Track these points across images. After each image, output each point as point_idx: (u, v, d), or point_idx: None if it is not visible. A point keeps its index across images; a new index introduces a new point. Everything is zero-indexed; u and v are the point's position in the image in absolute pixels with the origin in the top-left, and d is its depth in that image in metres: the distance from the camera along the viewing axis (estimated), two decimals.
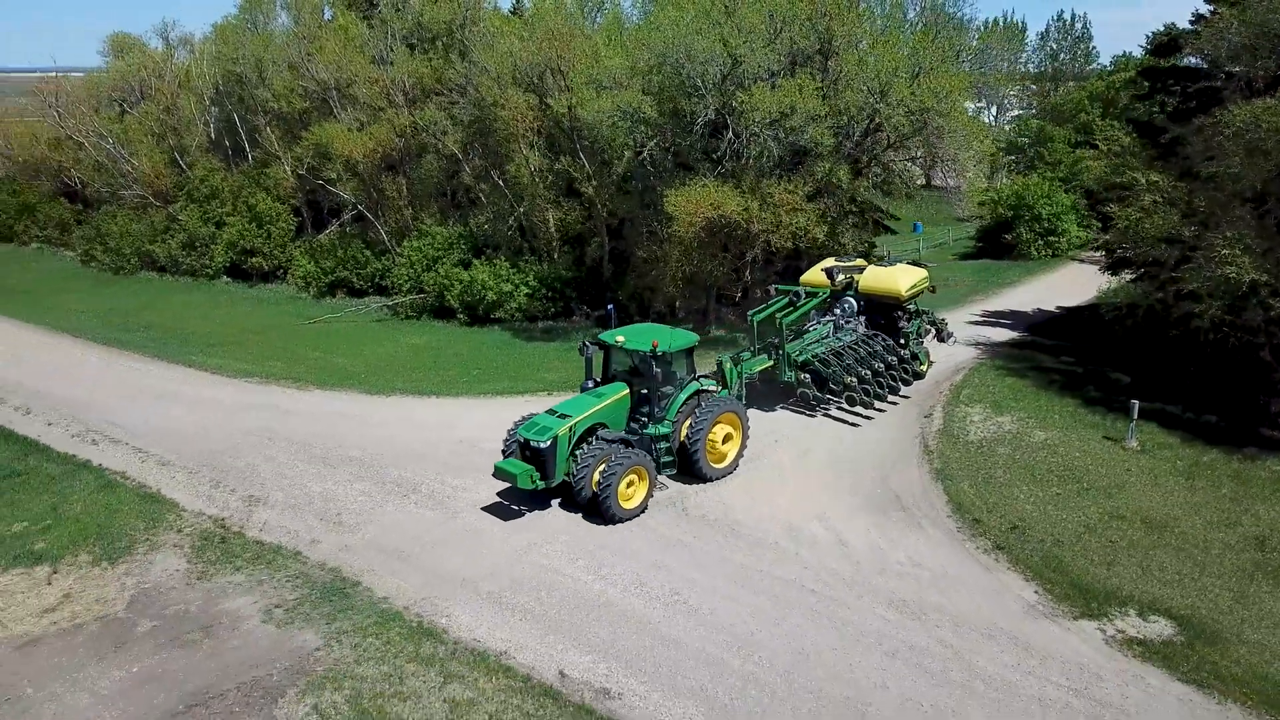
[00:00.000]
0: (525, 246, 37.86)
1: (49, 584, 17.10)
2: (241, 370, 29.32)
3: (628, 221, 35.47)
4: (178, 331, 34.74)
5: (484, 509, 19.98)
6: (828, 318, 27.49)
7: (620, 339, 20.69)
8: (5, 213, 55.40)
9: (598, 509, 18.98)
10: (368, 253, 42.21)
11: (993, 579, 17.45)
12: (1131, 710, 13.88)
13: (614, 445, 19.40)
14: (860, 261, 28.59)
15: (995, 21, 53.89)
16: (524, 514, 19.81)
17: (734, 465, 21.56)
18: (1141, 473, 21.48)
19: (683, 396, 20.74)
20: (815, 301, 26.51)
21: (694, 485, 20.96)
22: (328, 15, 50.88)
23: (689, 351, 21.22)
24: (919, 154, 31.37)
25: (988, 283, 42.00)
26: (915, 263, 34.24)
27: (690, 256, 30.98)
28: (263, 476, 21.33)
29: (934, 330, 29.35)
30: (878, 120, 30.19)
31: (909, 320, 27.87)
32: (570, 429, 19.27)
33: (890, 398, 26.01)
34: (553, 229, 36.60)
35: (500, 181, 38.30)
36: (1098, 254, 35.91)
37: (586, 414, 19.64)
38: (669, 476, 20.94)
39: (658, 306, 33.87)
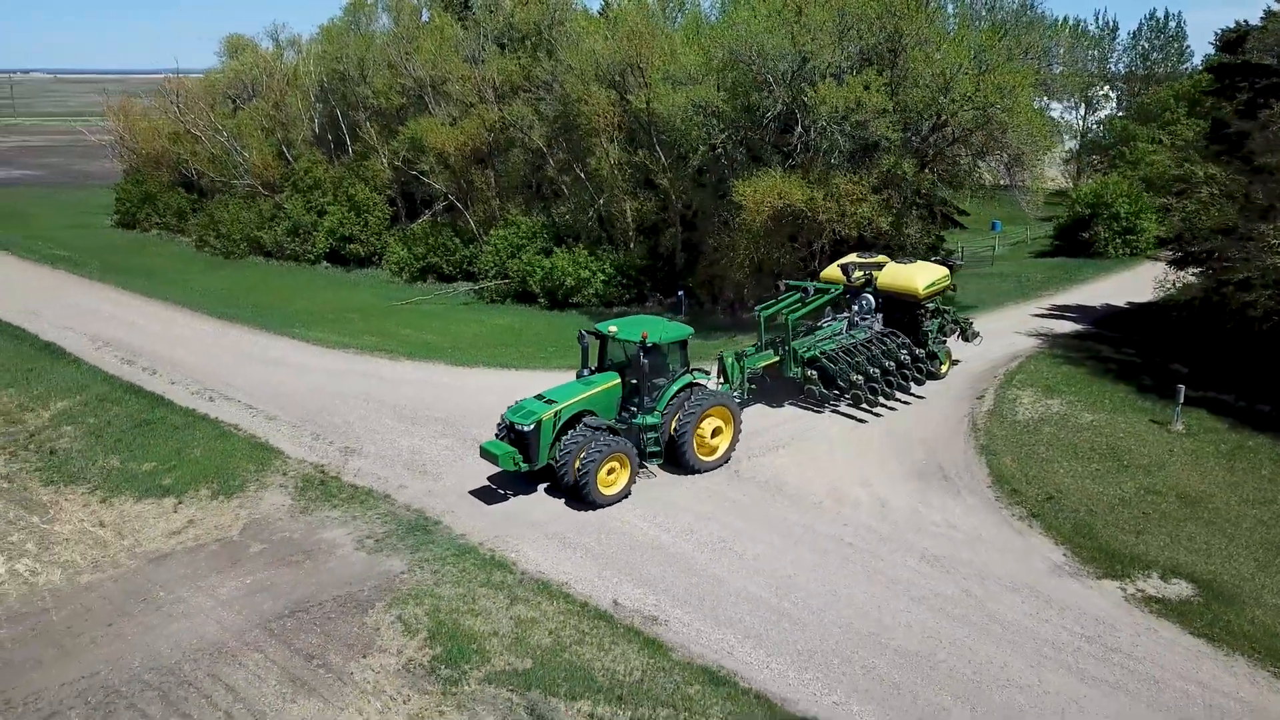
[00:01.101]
0: (603, 236, 39.80)
1: (175, 512, 19.62)
2: (339, 343, 31.88)
3: (700, 213, 37.09)
4: (282, 309, 37.65)
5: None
6: (844, 314, 27.46)
7: (613, 329, 21.05)
8: (129, 201, 59.87)
9: (578, 494, 19.43)
10: (456, 241, 44.72)
11: (1023, 541, 18.57)
12: (1140, 655, 14.95)
13: (598, 432, 19.70)
14: (881, 258, 28.41)
15: (1065, 20, 53.75)
16: None
17: (725, 458, 21.67)
18: (1183, 453, 22.20)
19: (674, 388, 21.03)
20: (826, 298, 26.51)
21: (742, 450, 22.43)
22: (425, 17, 53.80)
23: (682, 344, 21.47)
24: (986, 149, 32.04)
25: (1060, 279, 42.26)
26: (943, 261, 33.86)
27: (758, 245, 32.41)
28: (357, 432, 23.62)
29: (958, 330, 28.81)
30: (943, 116, 31.16)
31: (929, 319, 27.57)
32: (555, 414, 19.65)
33: (909, 393, 25.92)
34: (629, 219, 38.46)
35: (581, 174, 40.32)
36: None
37: (572, 400, 20.03)
38: (659, 466, 21.29)
39: (727, 294, 35.39)
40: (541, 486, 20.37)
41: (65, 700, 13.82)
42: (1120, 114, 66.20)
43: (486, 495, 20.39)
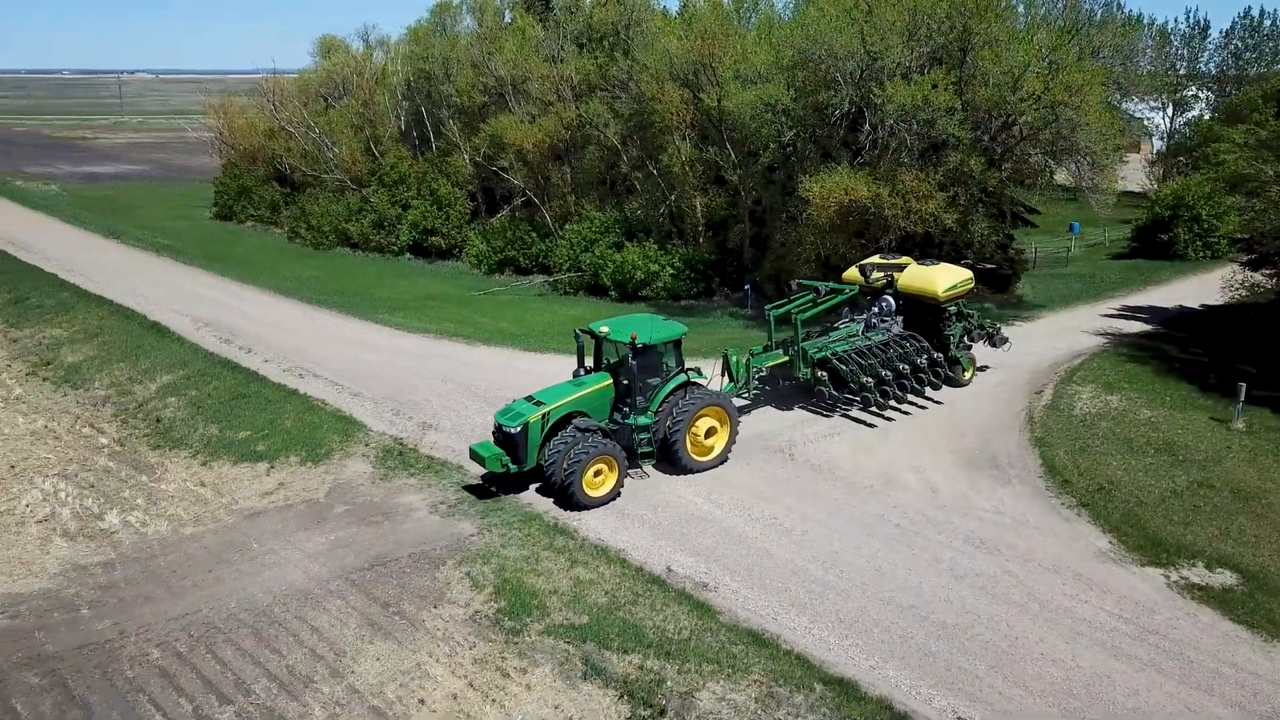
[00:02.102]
0: (673, 231, 40.85)
1: (267, 475, 21.32)
2: (420, 328, 33.54)
3: (769, 208, 37.86)
4: (367, 296, 39.60)
5: None
6: (863, 315, 26.97)
7: (604, 329, 20.87)
8: (227, 194, 63.07)
9: (565, 495, 19.36)
10: (533, 235, 46.26)
11: (1070, 529, 19.02)
12: (1175, 637, 15.38)
13: (586, 434, 19.59)
14: (905, 259, 27.65)
15: (1140, 18, 52.79)
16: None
17: (721, 458, 21.45)
18: (1241, 450, 22.25)
19: (668, 388, 20.80)
20: (839, 299, 26.10)
21: (798, 435, 23.23)
22: (507, 18, 55.60)
23: (676, 344, 21.18)
24: (1055, 149, 32.11)
25: (1134, 280, 41.84)
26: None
27: (824, 240, 33.04)
28: (435, 408, 25.09)
29: (985, 335, 27.91)
30: (1011, 115, 31.39)
31: (952, 323, 26.75)
32: (543, 416, 19.60)
33: (924, 397, 25.51)
34: (699, 214, 39.43)
35: (654, 171, 41.43)
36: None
37: (562, 402, 19.95)
38: (653, 467, 21.12)
39: (793, 288, 36.05)
40: (533, 486, 20.34)
41: (171, 632, 15.43)
42: (1209, 115, 64.51)
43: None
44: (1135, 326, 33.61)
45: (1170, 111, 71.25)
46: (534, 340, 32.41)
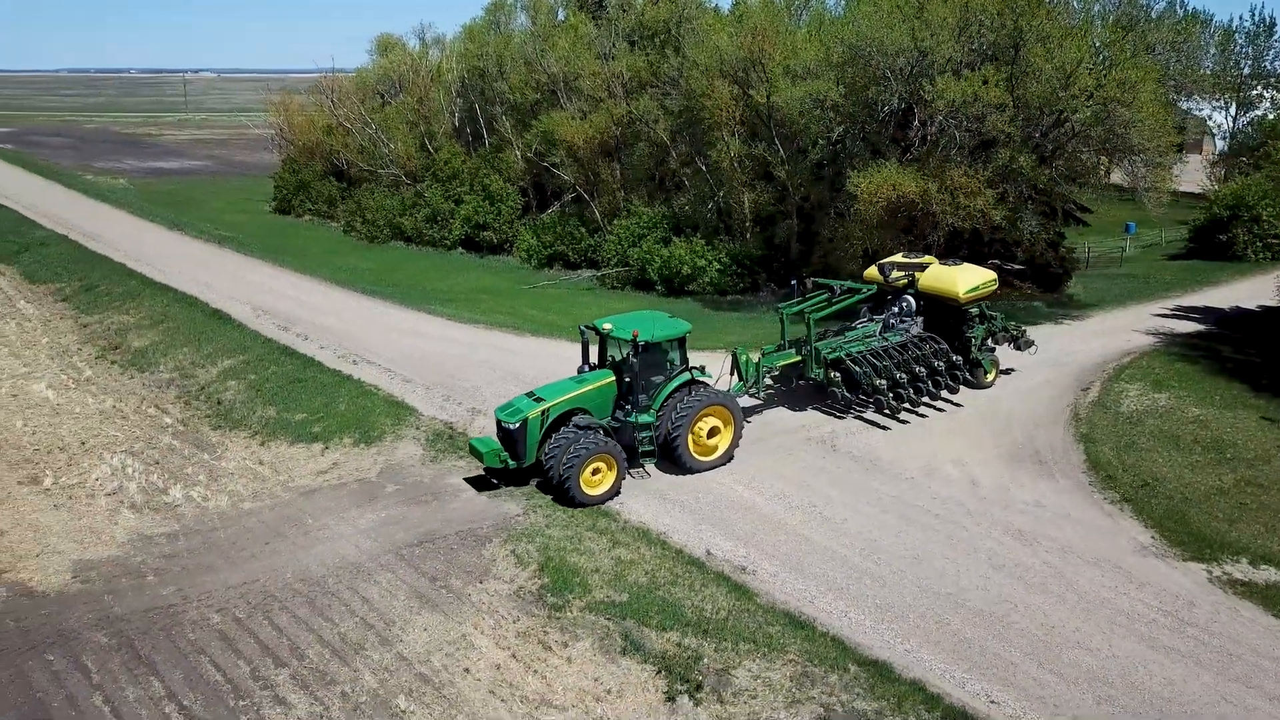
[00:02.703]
0: (720, 227, 41.11)
1: (322, 455, 22.09)
2: (471, 318, 34.25)
3: (817, 205, 37.96)
4: (420, 288, 40.47)
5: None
6: (881, 315, 26.46)
7: (608, 326, 20.57)
8: (285, 189, 64.60)
9: (563, 492, 19.15)
10: (582, 230, 46.78)
11: (1112, 523, 19.00)
12: (1215, 630, 15.37)
13: (585, 432, 19.45)
14: (928, 259, 27.17)
15: (1198, 15, 51.70)
16: None
17: (725, 458, 21.11)
18: None
19: (671, 386, 20.52)
20: (855, 298, 25.69)
21: (840, 427, 23.41)
22: (560, 16, 56.25)
23: (680, 341, 20.88)
24: (1108, 145, 31.78)
25: (1189, 281, 41.16)
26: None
27: (872, 236, 33.09)
28: (484, 395, 25.69)
29: (1010, 338, 27.36)
30: (1063, 112, 31.16)
31: (975, 324, 26.20)
32: (543, 413, 19.52)
33: (940, 399, 24.96)
34: (746, 210, 39.65)
35: (702, 167, 41.72)
36: None
37: (562, 399, 19.85)
38: (654, 465, 20.85)
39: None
40: (533, 481, 20.22)
41: (230, 599, 16.17)
42: (1273, 114, 62.98)
43: None
44: (1188, 326, 33.13)
45: (1234, 111, 69.75)
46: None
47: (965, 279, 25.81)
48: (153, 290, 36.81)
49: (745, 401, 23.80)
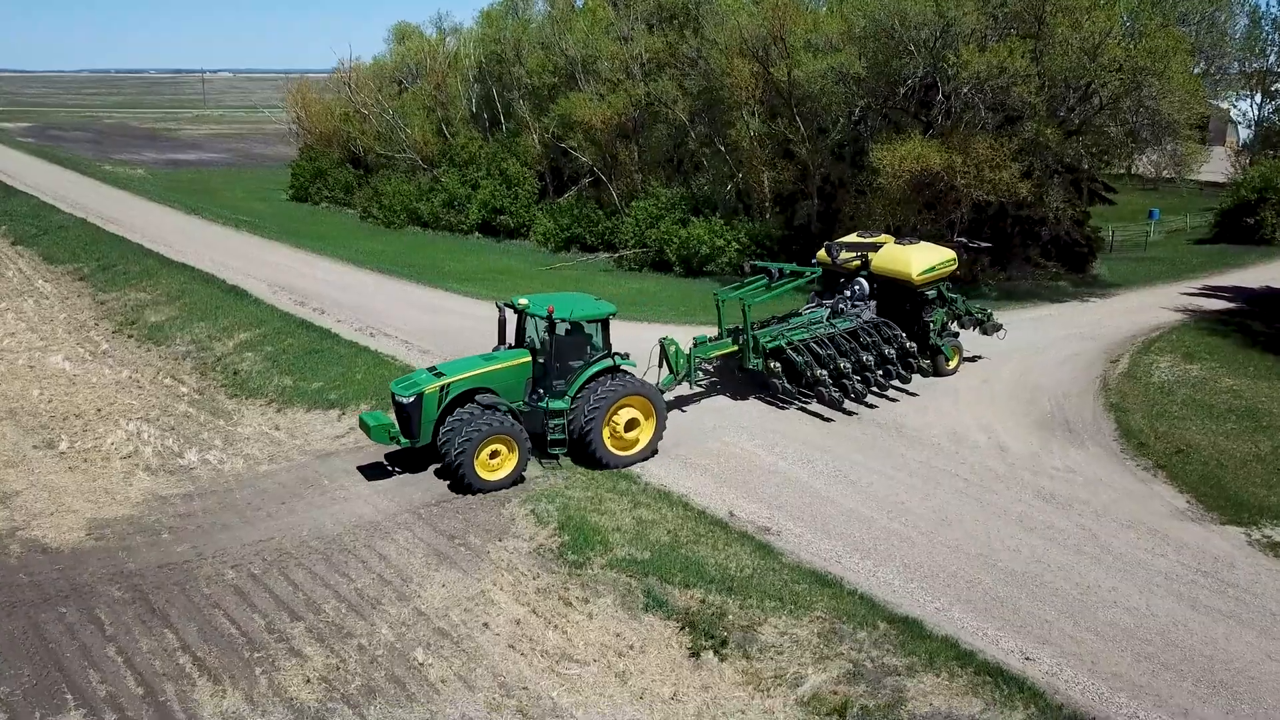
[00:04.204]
0: (740, 207, 40.70)
1: (339, 420, 21.82)
2: (487, 295, 33.85)
3: (838, 183, 37.50)
4: (436, 269, 40.23)
5: (679, 397, 22.98)
6: (831, 300, 24.88)
7: (523, 302, 19.10)
8: (303, 177, 64.58)
9: (457, 476, 17.76)
10: (599, 212, 46.46)
11: (1146, 489, 18.52)
12: (1257, 591, 14.88)
13: (485, 411, 17.85)
14: (883, 237, 25.52)
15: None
16: (717, 401, 22.71)
17: (645, 453, 19.34)
18: None
19: (589, 372, 18.89)
20: (796, 282, 23.99)
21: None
22: (579, 1, 55.91)
23: (603, 323, 19.19)
24: (1135, 117, 31.16)
25: (1217, 263, 40.54)
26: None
27: (894, 212, 32.61)
28: None
29: (975, 322, 25.81)
30: (1092, 85, 30.59)
31: (932, 308, 24.54)
32: (442, 389, 17.99)
33: (892, 389, 23.41)
34: (766, 190, 39.22)
35: (721, 147, 41.32)
36: None
37: (465, 375, 18.31)
38: (559, 455, 19.15)
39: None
40: (432, 467, 18.86)
41: (246, 556, 15.90)
42: None
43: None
44: (1217, 304, 32.57)
45: (1259, 99, 68.73)
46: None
47: (920, 259, 24.08)
48: (170, 268, 36.71)
49: (681, 394, 22.69)
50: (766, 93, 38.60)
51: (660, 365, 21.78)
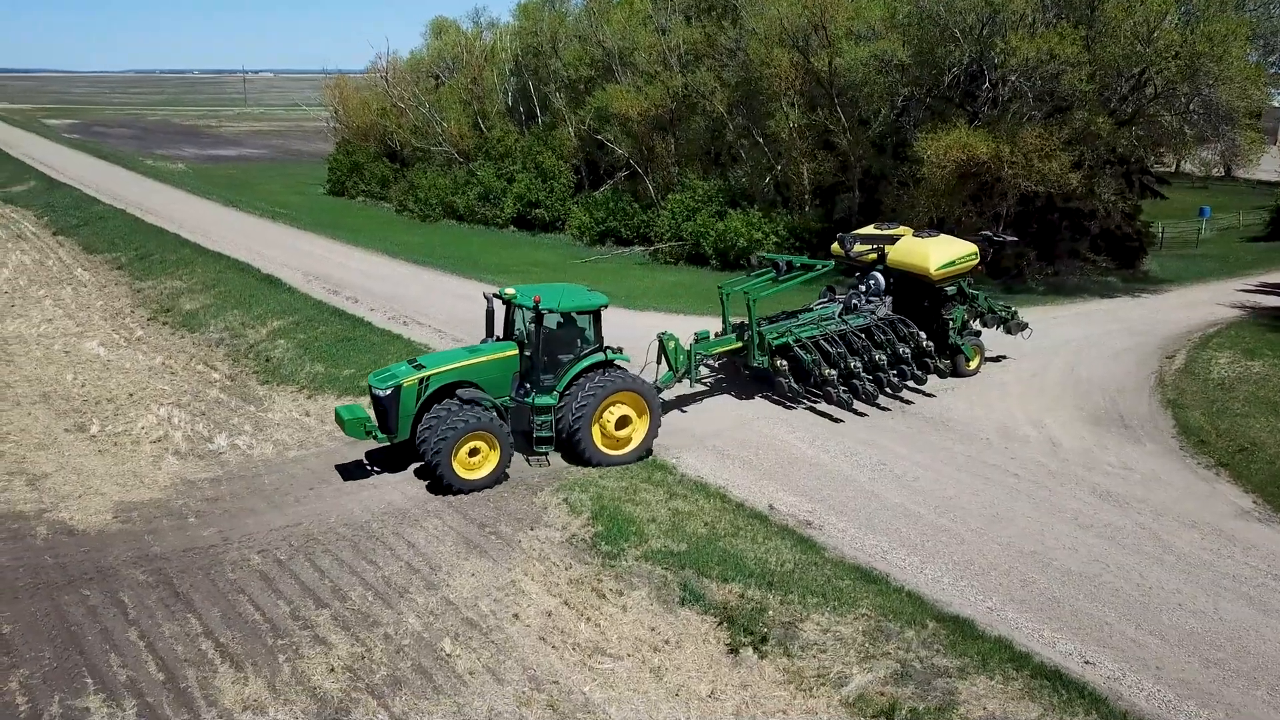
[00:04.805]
0: (778, 200, 39.98)
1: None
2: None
3: (880, 175, 36.67)
4: (471, 261, 39.92)
5: (717, 385, 22.38)
6: (845, 295, 23.79)
7: (510, 291, 18.17)
8: (340, 171, 64.76)
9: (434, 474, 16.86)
10: (635, 205, 45.93)
11: (1208, 487, 17.63)
12: None
13: (466, 406, 16.98)
14: (901, 230, 24.23)
15: None
16: (752, 393, 22.03)
17: (639, 453, 18.23)
18: None
19: (579, 367, 17.92)
20: (805, 276, 22.59)
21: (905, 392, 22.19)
22: None
23: (594, 315, 18.24)
24: (1190, 105, 30.05)
25: (1272, 260, 39.24)
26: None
27: (938, 204, 31.75)
28: None
29: (999, 321, 24.46)
30: (1145, 72, 29.53)
31: (952, 305, 23.34)
32: (421, 381, 17.13)
33: (905, 390, 22.11)
34: (805, 181, 38.46)
35: (759, 139, 40.62)
36: None
37: (446, 368, 17.45)
38: (548, 454, 18.28)
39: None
40: (412, 467, 18.02)
41: (272, 541, 15.53)
42: None
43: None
44: (1276, 301, 31.31)
45: None
46: (634, 301, 32.05)
47: (939, 252, 22.74)
48: (206, 258, 36.69)
49: (681, 392, 21.63)
50: (806, 83, 37.85)
51: (659, 361, 20.58)
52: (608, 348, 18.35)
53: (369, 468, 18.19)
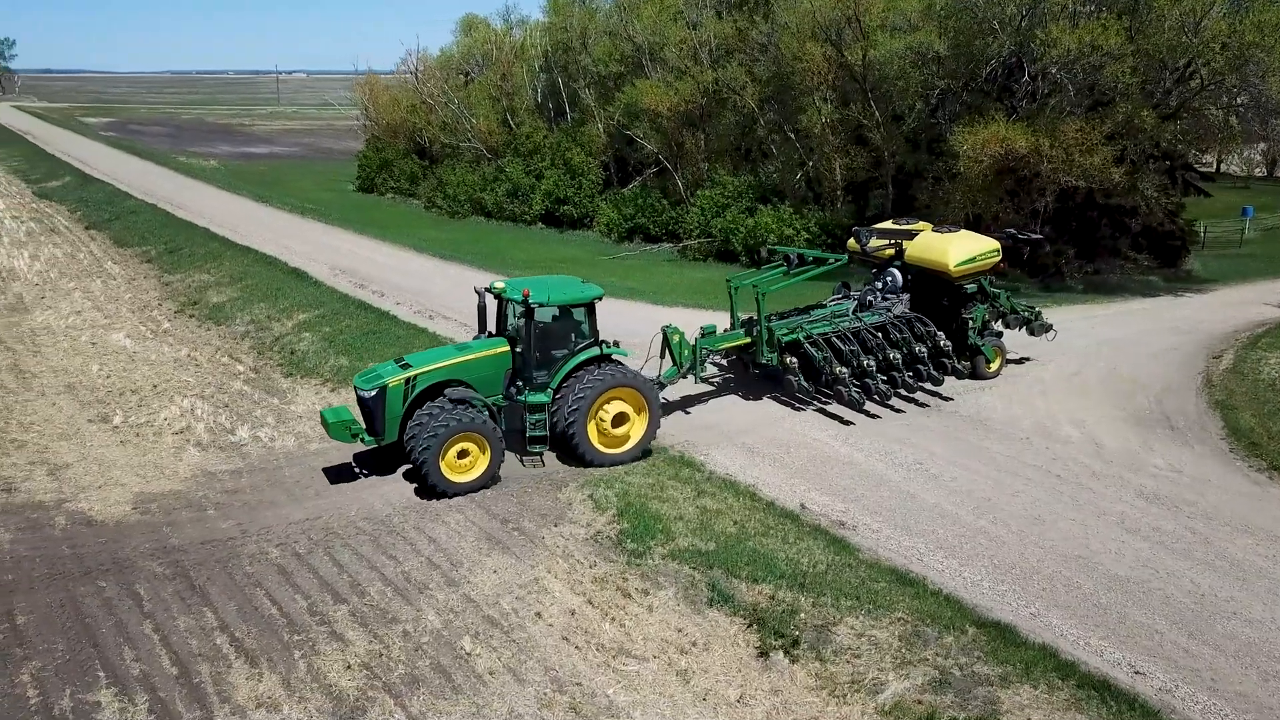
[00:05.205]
0: (810, 195, 39.34)
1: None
2: None
3: (915, 171, 35.95)
4: (499, 256, 39.63)
5: (746, 382, 21.86)
6: (860, 291, 23.00)
7: (500, 285, 17.50)
8: (369, 168, 64.84)
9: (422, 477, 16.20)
10: (664, 202, 45.46)
11: (1260, 491, 16.91)
12: None
13: (455, 406, 16.26)
14: (920, 225, 23.33)
15: None
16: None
17: (638, 451, 17.59)
18: None
19: (573, 362, 17.20)
20: (819, 270, 21.82)
21: (945, 385, 21.53)
22: None
23: (588, 308, 17.48)
24: (1239, 97, 29.11)
25: None
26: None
27: (974, 199, 31.01)
28: None
29: (1022, 322, 23.36)
30: (1192, 64, 28.64)
31: (973, 304, 22.28)
32: (408, 381, 16.43)
33: (920, 391, 21.15)
34: (838, 177, 37.79)
35: (791, 134, 40.01)
36: None
37: (434, 367, 16.76)
38: (543, 454, 17.62)
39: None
40: (401, 469, 17.35)
41: (291, 534, 15.22)
42: None
43: (680, 404, 20.80)
44: None
45: None
46: (662, 296, 31.67)
47: (959, 248, 21.82)
48: (234, 251, 36.68)
49: (686, 390, 20.98)
50: (839, 77, 37.20)
51: (662, 356, 19.71)
52: (604, 341, 17.61)
53: (357, 471, 17.47)
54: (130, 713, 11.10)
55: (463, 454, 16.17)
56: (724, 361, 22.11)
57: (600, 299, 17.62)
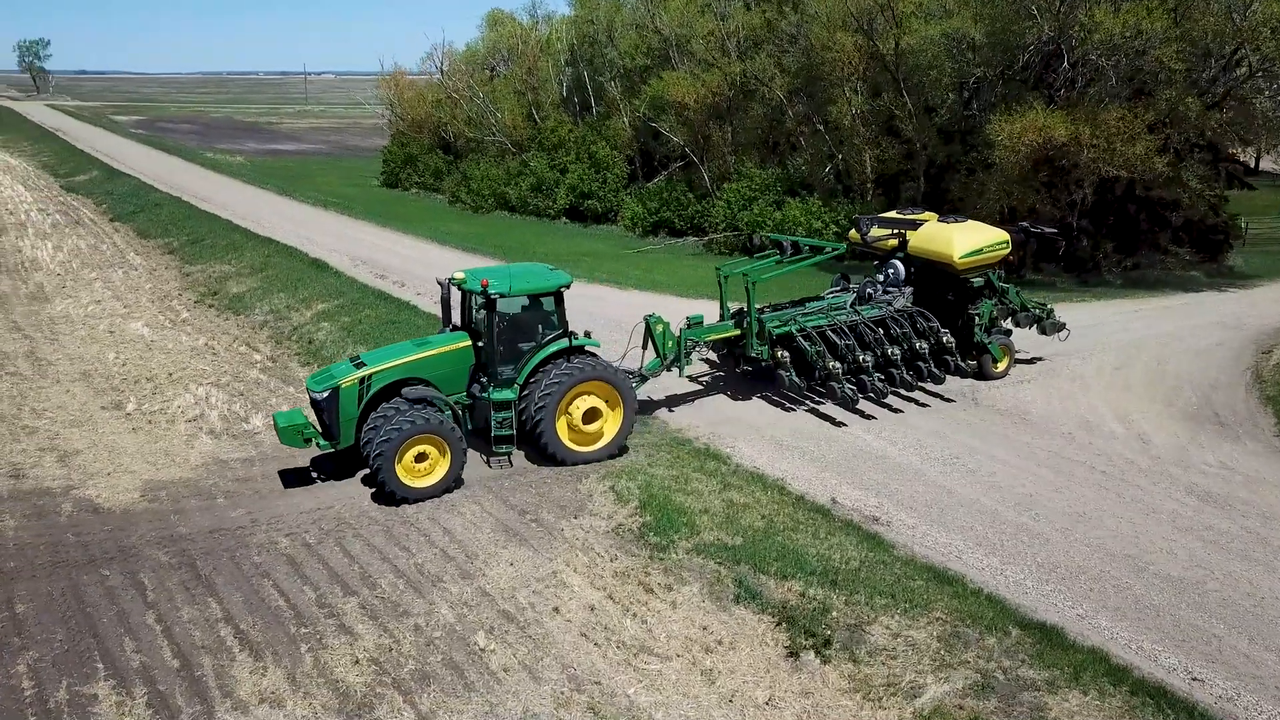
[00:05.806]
0: (839, 188, 38.54)
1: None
2: (574, 273, 32.32)
3: (948, 163, 35.06)
4: (523, 251, 39.02)
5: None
6: (859, 284, 21.78)
7: (460, 276, 16.34)
8: (394, 163, 64.64)
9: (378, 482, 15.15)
10: (689, 196, 44.79)
11: None
12: None
13: (412, 406, 15.26)
14: (925, 215, 22.17)
15: None
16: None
17: (612, 449, 16.58)
18: None
19: (541, 355, 16.21)
20: (814, 259, 20.55)
21: (975, 383, 20.73)
22: None
23: (556, 298, 16.45)
24: None
25: None
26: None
27: (1010, 191, 30.09)
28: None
29: (1033, 320, 22.03)
30: (1240, 49, 27.60)
31: (980, 299, 21.01)
32: (362, 381, 15.44)
33: (919, 389, 20.03)
34: (868, 169, 36.97)
35: (820, 126, 39.23)
36: None
37: (390, 365, 15.75)
38: (510, 454, 16.60)
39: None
40: (360, 474, 16.18)
41: (302, 524, 14.69)
42: None
43: (703, 394, 20.24)
44: None
45: None
46: (687, 288, 30.90)
47: (965, 239, 20.49)
48: (255, 242, 36.39)
49: (672, 385, 20.08)
50: (870, 68, 36.40)
51: (644, 347, 18.62)
52: (573, 333, 16.63)
53: (314, 476, 16.42)
54: (128, 706, 10.60)
55: (421, 457, 15.12)
56: (716, 357, 21.00)
57: (568, 286, 16.55)
